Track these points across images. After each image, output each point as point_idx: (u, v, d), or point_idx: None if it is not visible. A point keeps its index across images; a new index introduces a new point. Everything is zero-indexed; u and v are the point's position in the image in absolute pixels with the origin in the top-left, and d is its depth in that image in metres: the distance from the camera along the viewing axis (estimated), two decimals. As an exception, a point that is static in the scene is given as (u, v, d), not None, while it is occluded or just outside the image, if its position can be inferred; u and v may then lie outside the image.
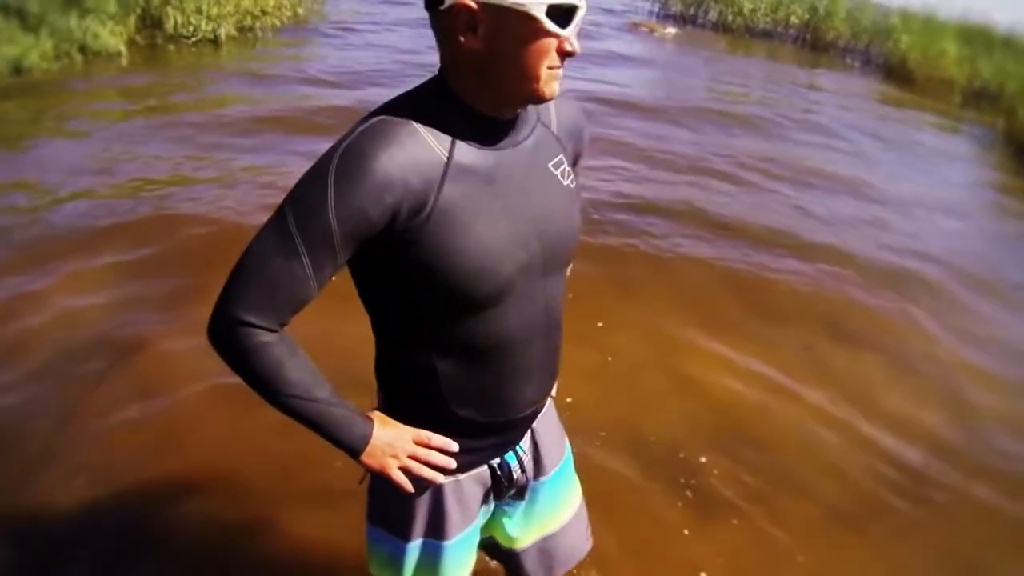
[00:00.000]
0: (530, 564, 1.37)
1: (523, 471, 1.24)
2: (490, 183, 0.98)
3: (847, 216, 5.05)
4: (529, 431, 1.25)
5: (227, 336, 0.96)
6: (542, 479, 1.31)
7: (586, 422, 2.57)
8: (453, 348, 1.04)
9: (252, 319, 0.94)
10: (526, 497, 1.30)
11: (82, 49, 6.37)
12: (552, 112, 1.12)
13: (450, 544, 1.18)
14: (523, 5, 0.88)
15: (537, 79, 0.92)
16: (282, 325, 0.98)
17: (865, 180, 5.84)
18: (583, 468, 1.44)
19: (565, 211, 1.10)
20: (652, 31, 11.65)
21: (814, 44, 12.31)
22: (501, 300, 1.01)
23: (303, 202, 0.91)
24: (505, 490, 1.23)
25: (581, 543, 1.44)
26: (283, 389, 0.98)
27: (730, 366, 3.09)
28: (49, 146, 4.73)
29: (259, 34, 8.01)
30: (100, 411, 2.49)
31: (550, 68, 0.92)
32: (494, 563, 1.51)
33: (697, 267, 3.96)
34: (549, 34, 0.90)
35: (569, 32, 0.91)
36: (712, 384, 2.97)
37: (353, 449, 1.04)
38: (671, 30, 11.87)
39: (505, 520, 1.32)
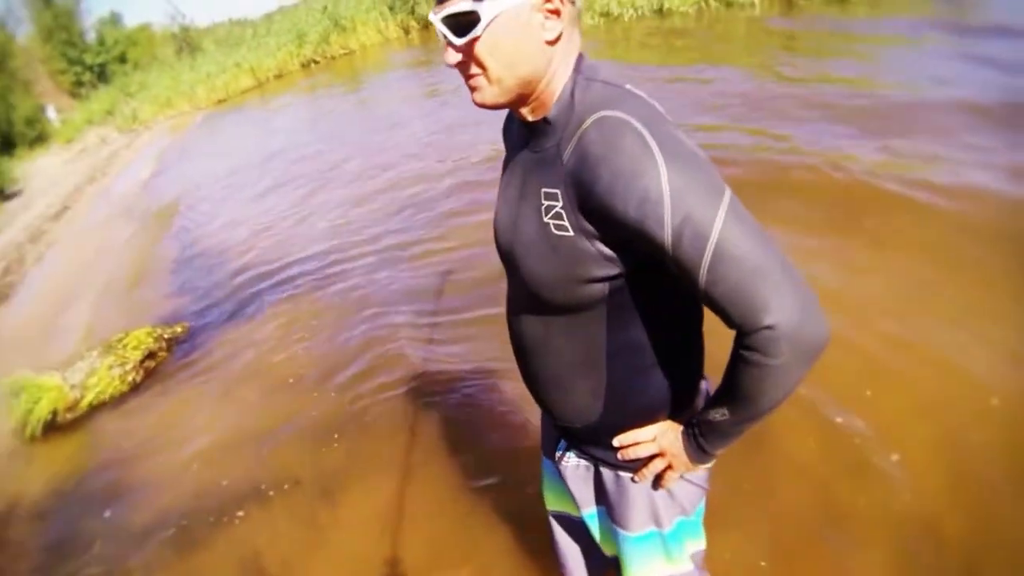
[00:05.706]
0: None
1: (559, 463, 1.31)
2: (512, 170, 1.15)
3: None
4: (594, 461, 1.25)
5: None
6: (601, 511, 1.32)
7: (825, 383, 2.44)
8: None
9: None
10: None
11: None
12: (575, 140, 0.97)
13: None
14: None
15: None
16: None
17: None
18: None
19: (528, 243, 1.04)
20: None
21: None
22: (504, 265, 1.18)
23: None
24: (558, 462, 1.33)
25: None
26: None
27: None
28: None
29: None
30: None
31: (462, 76, 1.00)
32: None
33: None
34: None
35: (443, 44, 0.98)
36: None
37: None
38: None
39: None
